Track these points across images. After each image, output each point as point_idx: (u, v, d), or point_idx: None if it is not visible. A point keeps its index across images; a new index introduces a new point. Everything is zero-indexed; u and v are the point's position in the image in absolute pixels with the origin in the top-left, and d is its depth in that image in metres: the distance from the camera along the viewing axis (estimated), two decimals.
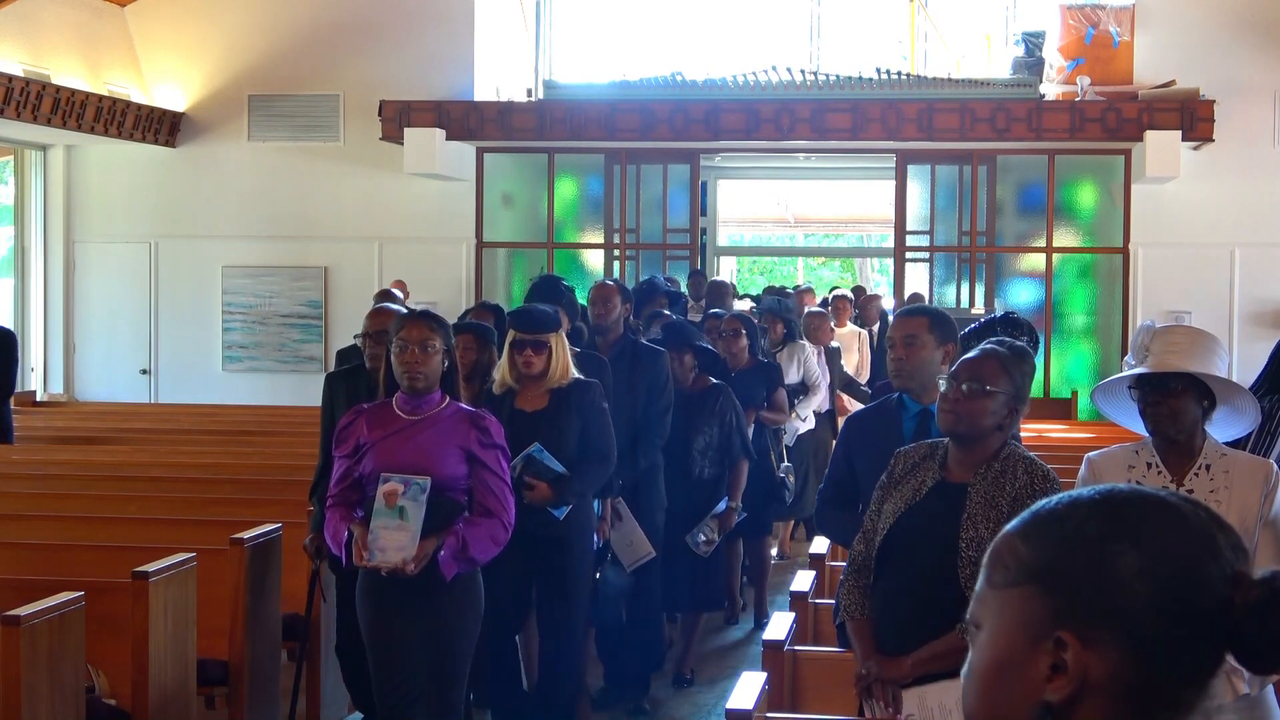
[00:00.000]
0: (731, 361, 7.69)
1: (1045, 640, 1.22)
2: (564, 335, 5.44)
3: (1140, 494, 1.25)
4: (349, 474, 4.54)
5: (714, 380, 6.83)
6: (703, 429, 6.71)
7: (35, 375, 14.04)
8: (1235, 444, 3.80)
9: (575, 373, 5.39)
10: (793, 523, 9.87)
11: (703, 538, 6.62)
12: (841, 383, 10.06)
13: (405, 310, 5.08)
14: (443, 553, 4.38)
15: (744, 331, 7.81)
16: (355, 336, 5.74)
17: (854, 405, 9.82)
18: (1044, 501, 1.28)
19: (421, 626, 4.48)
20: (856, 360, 10.78)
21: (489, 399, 5.31)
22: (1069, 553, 1.23)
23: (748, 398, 7.64)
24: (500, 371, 5.43)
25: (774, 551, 8.91)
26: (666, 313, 8.11)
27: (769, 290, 12.52)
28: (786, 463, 8.20)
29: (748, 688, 3.69)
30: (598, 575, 5.90)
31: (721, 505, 6.75)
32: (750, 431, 7.60)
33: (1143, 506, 1.24)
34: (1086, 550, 1.22)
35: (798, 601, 4.85)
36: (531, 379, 5.32)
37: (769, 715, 3.79)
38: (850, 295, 11.83)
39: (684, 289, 12.44)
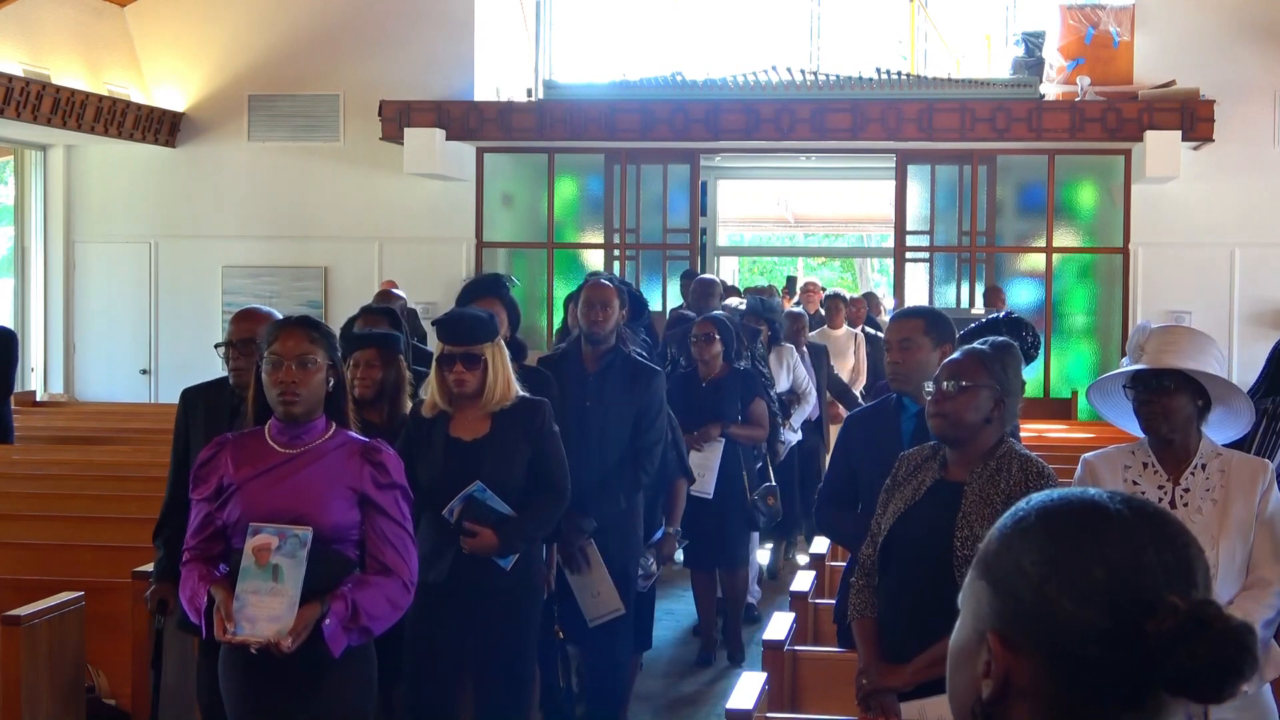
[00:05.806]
0: (704, 370, 7.08)
1: (985, 637, 1.24)
2: (502, 345, 4.56)
3: (1085, 508, 1.24)
4: (209, 521, 3.64)
5: None
6: None
7: (35, 375, 14.05)
8: (1234, 446, 3.79)
9: (519, 389, 4.53)
10: (784, 543, 9.25)
11: (641, 571, 5.74)
12: (834, 388, 9.54)
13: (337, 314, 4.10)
14: (328, 622, 3.47)
15: (717, 336, 7.04)
16: (215, 346, 4.77)
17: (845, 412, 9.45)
18: (1023, 500, 1.29)
19: (304, 715, 3.59)
20: (853, 364, 10.27)
21: (417, 423, 4.50)
22: (1006, 557, 1.24)
23: (721, 410, 7.02)
24: (430, 391, 4.55)
25: (756, 587, 8.01)
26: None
27: (751, 290, 11.78)
28: (770, 483, 7.35)
29: (748, 688, 3.69)
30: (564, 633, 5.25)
31: (659, 533, 5.94)
32: (720, 448, 7.01)
33: (1078, 521, 1.23)
34: (1016, 558, 1.23)
35: (798, 601, 4.86)
36: (466, 399, 4.46)
37: (769, 715, 3.79)
38: (844, 295, 11.37)
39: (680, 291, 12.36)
